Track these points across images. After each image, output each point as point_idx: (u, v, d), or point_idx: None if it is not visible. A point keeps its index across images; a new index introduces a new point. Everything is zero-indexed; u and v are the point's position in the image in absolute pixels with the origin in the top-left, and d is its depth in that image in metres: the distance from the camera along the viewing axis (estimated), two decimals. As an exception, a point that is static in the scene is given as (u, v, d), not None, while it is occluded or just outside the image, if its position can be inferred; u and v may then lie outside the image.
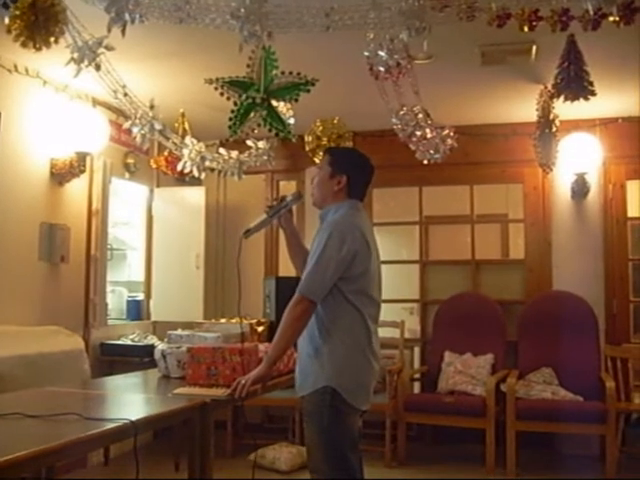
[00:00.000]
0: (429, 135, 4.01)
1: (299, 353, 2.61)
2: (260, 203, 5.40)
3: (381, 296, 2.65)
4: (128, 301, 5.71)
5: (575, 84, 3.18)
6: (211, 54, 3.81)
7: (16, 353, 3.63)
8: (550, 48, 3.47)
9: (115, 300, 5.67)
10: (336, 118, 5.13)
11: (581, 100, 3.26)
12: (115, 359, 4.96)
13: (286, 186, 5.99)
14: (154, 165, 5.39)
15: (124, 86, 3.44)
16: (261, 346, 2.96)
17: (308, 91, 3.07)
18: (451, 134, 4.12)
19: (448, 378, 5.10)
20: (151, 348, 4.47)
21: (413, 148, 4.07)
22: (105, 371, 4.72)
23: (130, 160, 5.41)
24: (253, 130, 3.18)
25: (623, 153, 5.22)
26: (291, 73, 3.06)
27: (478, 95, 4.83)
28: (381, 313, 2.66)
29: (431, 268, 5.83)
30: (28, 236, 4.31)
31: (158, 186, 5.83)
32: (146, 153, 5.48)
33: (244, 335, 3.25)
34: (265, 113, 3.10)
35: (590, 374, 4.91)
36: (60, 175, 4.52)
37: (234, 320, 4.02)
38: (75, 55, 2.99)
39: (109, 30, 2.83)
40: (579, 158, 5.21)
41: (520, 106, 4.90)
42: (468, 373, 5.06)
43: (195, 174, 4.02)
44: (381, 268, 2.68)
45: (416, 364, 5.82)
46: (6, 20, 2.71)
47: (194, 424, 2.50)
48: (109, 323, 5.15)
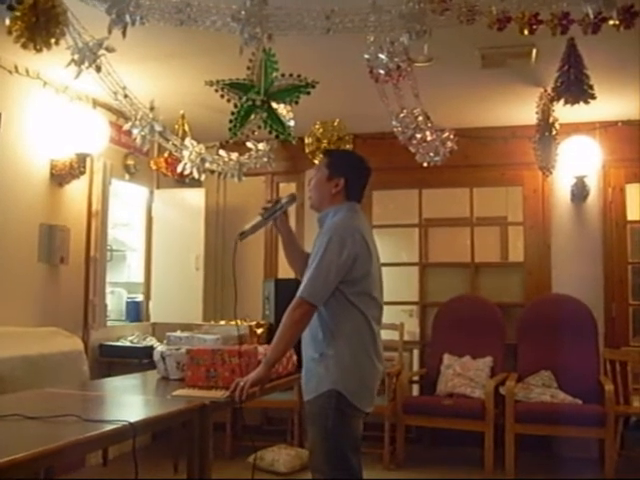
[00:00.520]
0: (429, 138, 4.01)
1: (303, 358, 2.61)
2: (259, 205, 5.36)
3: (383, 297, 2.65)
4: (127, 302, 5.71)
5: (575, 87, 3.18)
6: (211, 56, 3.81)
7: (15, 354, 3.63)
8: (550, 51, 3.47)
9: (114, 301, 5.67)
10: (336, 120, 5.14)
11: (581, 103, 3.25)
12: (114, 360, 4.95)
13: (286, 188, 5.99)
14: (154, 167, 5.39)
15: (124, 87, 3.45)
16: (260, 348, 2.95)
17: (308, 93, 3.07)
18: (451, 137, 4.12)
19: (447, 381, 5.10)
20: (150, 350, 4.47)
21: (413, 151, 4.07)
22: (104, 372, 4.72)
23: (130, 161, 5.41)
24: (253, 132, 3.19)
25: (623, 156, 5.22)
26: (291, 75, 3.07)
27: (478, 98, 4.83)
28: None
29: (430, 270, 5.83)
30: (28, 237, 4.31)
31: (158, 187, 5.84)
32: (146, 154, 5.47)
33: (242, 337, 3.24)
34: (265, 115, 3.10)
35: (589, 377, 4.91)
36: (60, 176, 4.53)
37: (233, 322, 4.02)
38: (76, 56, 3.00)
39: (110, 32, 2.84)
40: (579, 161, 5.21)
41: (520, 109, 4.90)
42: (467, 376, 5.05)
43: (195, 176, 4.03)
44: (382, 270, 2.67)
45: (415, 366, 5.82)
46: (7, 21, 2.71)
47: (193, 426, 2.50)
48: (108, 324, 5.14)
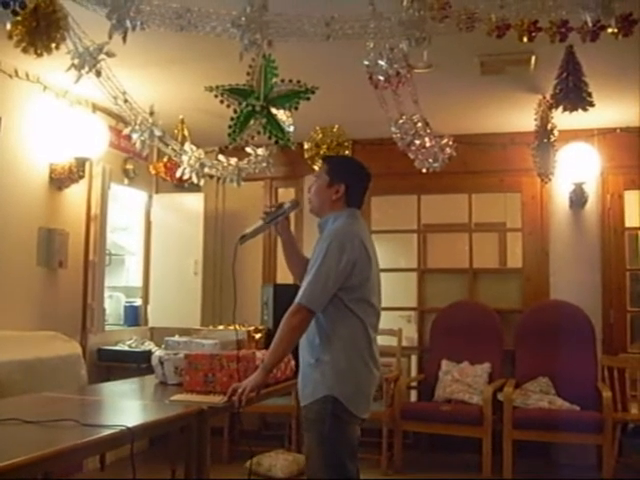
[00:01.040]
0: (428, 144, 4.02)
1: (300, 363, 2.61)
2: (259, 210, 5.29)
3: (381, 304, 2.65)
4: (126, 307, 5.70)
5: (574, 95, 3.19)
6: (211, 62, 3.82)
7: (14, 358, 3.62)
8: (549, 59, 3.49)
9: (113, 305, 5.66)
10: (335, 126, 5.15)
11: (579, 110, 3.27)
12: (112, 365, 4.95)
13: (285, 193, 6.00)
14: (153, 171, 5.40)
15: (124, 92, 3.45)
16: (258, 353, 2.95)
17: (308, 99, 3.07)
18: (450, 143, 4.13)
19: (445, 386, 5.10)
20: (148, 354, 4.46)
21: (412, 157, 4.08)
22: (102, 377, 4.72)
23: (129, 166, 5.41)
24: (252, 137, 3.19)
25: (621, 163, 5.24)
26: (291, 81, 3.07)
27: (477, 104, 4.84)
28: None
29: (429, 276, 5.83)
30: (26, 241, 4.31)
31: (157, 192, 5.84)
32: (145, 159, 5.48)
33: (241, 342, 3.25)
34: (265, 121, 3.10)
35: (587, 384, 4.91)
36: (59, 180, 4.53)
37: (232, 327, 4.02)
38: (76, 61, 3.00)
39: (110, 37, 2.84)
40: (577, 168, 5.22)
41: (519, 116, 4.91)
42: (465, 382, 5.05)
43: (194, 180, 4.03)
44: (380, 276, 2.68)
45: (413, 372, 5.80)
46: (8, 26, 2.71)
47: (191, 431, 2.50)
48: (106, 329, 5.13)
